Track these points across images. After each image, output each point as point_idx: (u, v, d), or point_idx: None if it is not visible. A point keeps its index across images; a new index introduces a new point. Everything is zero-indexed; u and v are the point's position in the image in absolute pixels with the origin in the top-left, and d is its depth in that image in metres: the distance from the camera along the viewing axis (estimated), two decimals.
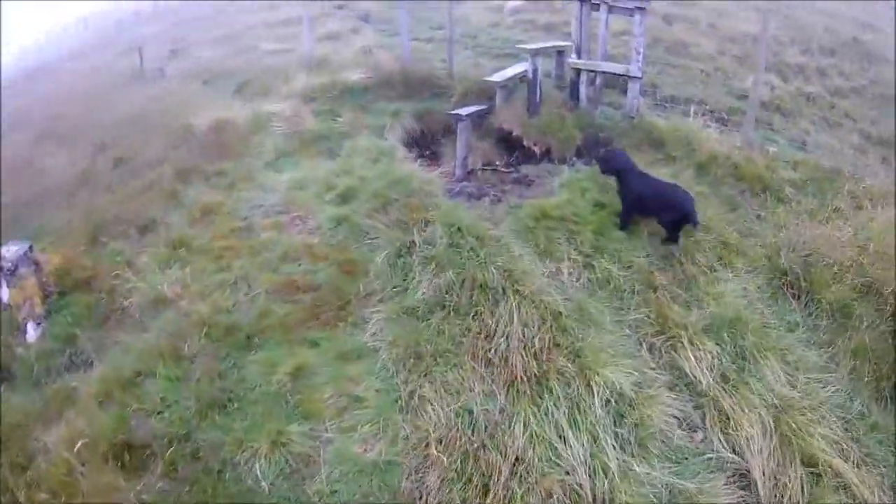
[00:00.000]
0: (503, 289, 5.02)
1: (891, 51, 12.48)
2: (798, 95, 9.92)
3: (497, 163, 7.77)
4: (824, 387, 4.85)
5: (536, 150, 7.51)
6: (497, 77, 7.69)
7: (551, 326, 4.81)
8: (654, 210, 5.80)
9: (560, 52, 8.54)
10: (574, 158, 7.42)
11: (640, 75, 7.31)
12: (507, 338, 4.75)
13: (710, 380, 4.83)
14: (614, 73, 7.59)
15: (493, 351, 4.74)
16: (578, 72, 7.59)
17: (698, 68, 10.02)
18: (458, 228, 5.51)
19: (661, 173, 6.80)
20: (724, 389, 4.78)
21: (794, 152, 8.01)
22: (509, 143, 7.84)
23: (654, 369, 4.91)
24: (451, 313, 4.99)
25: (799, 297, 5.58)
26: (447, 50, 8.83)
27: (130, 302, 5.49)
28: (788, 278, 5.61)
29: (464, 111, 7.42)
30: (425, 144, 8.19)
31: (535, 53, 7.42)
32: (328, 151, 7.31)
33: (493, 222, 6.10)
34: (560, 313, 4.92)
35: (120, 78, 10.89)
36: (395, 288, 5.32)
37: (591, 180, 6.67)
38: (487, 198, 6.92)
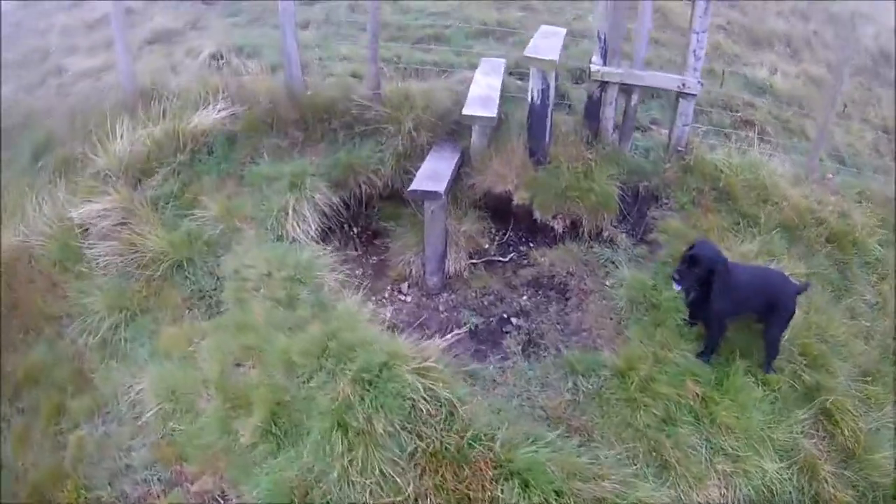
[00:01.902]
0: None
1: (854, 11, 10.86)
2: (807, 81, 7.75)
3: (486, 246, 4.80)
4: None
5: (557, 225, 4.59)
6: (482, 110, 4.50)
7: None
8: (756, 309, 3.81)
9: None
10: (612, 228, 4.63)
11: (697, 91, 4.59)
12: None
13: None
14: (663, 88, 4.78)
15: None
16: (603, 85, 4.65)
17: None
18: None
19: (748, 249, 4.39)
20: None
21: (849, 177, 5.73)
22: (497, 209, 4.86)
23: None
24: None
25: None
26: (370, 50, 4.84)
27: None
28: None
29: (437, 183, 4.20)
30: (352, 220, 4.89)
31: (552, 65, 4.30)
32: (199, 295, 3.73)
33: (560, 421, 3.18)
34: None
35: None
36: None
37: (666, 278, 4.03)
38: (511, 337, 3.96)
